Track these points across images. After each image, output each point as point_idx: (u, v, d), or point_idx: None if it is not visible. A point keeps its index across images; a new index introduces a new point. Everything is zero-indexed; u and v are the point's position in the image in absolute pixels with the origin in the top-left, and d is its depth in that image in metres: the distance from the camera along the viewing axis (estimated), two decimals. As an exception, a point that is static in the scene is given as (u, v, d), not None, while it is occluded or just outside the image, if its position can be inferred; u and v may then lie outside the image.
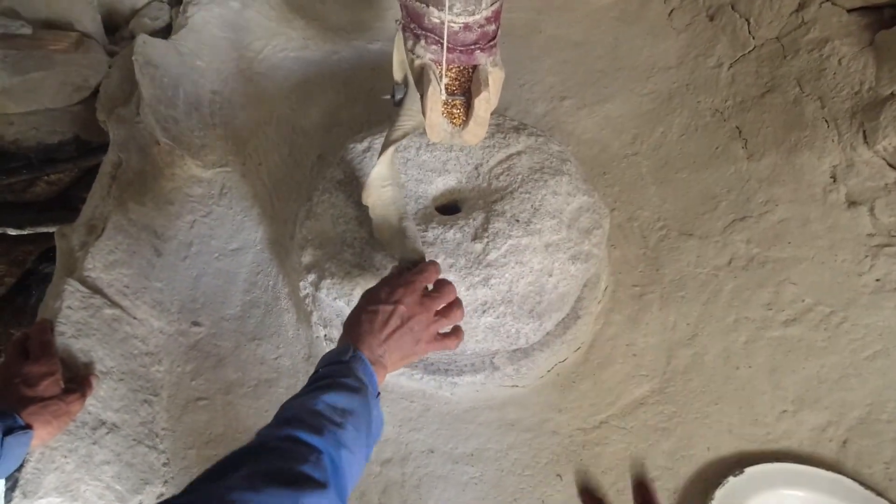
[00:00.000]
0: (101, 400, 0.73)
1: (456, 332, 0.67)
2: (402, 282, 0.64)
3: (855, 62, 1.03)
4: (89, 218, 0.92)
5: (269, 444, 0.46)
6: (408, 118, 0.74)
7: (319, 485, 0.43)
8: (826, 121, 1.03)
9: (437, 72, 0.75)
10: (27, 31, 1.19)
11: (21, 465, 0.64)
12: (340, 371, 0.55)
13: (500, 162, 0.92)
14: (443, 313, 0.65)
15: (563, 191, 0.88)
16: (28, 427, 0.61)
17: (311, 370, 0.91)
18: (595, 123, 1.24)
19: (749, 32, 1.21)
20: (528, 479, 0.79)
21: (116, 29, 1.38)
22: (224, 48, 1.25)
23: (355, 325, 0.62)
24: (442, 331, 0.66)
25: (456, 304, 0.66)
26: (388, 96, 0.77)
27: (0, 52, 1.15)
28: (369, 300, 0.64)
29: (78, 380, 0.71)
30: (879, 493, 0.72)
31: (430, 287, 0.66)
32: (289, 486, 0.42)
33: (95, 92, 1.21)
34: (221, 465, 0.44)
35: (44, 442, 0.63)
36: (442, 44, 0.72)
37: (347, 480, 0.47)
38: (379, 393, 0.58)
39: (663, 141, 1.19)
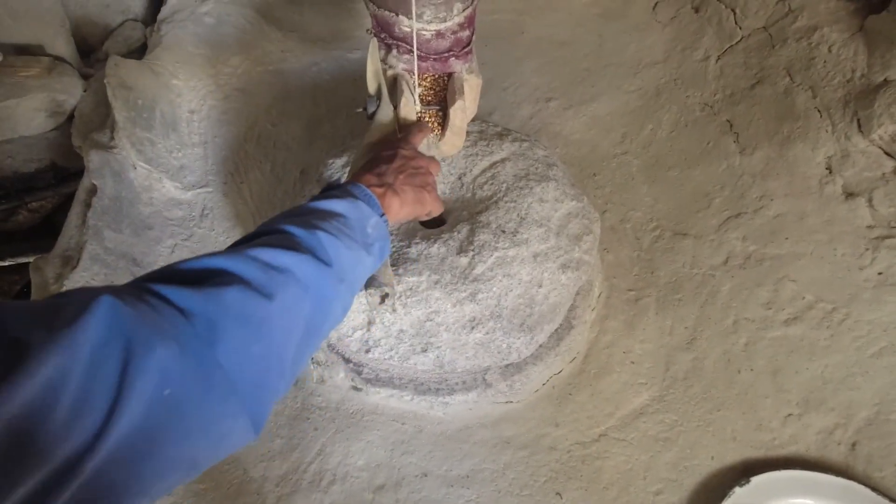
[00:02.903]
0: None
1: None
2: (400, 137, 0.69)
3: (845, 49, 1.00)
4: (64, 249, 0.90)
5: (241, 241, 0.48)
6: (379, 133, 0.72)
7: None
8: (819, 110, 1.00)
9: (411, 82, 0.72)
10: (-2, 57, 1.17)
11: None
12: (325, 195, 0.56)
13: (484, 171, 0.89)
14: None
15: (550, 197, 0.85)
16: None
17: (293, 381, 0.88)
18: (583, 124, 1.21)
19: (735, 23, 1.18)
20: (527, 499, 0.76)
21: (91, 51, 1.35)
22: (200, 65, 1.23)
23: (360, 172, 0.62)
24: None
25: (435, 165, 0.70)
26: (361, 109, 0.74)
27: (-29, 82, 1.13)
28: (373, 157, 0.66)
29: None
30: (892, 499, 0.69)
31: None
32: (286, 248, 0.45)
33: (71, 117, 1.19)
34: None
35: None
36: (414, 53, 0.70)
37: (329, 251, 0.48)
38: (383, 214, 0.57)
39: (653, 138, 1.16)
